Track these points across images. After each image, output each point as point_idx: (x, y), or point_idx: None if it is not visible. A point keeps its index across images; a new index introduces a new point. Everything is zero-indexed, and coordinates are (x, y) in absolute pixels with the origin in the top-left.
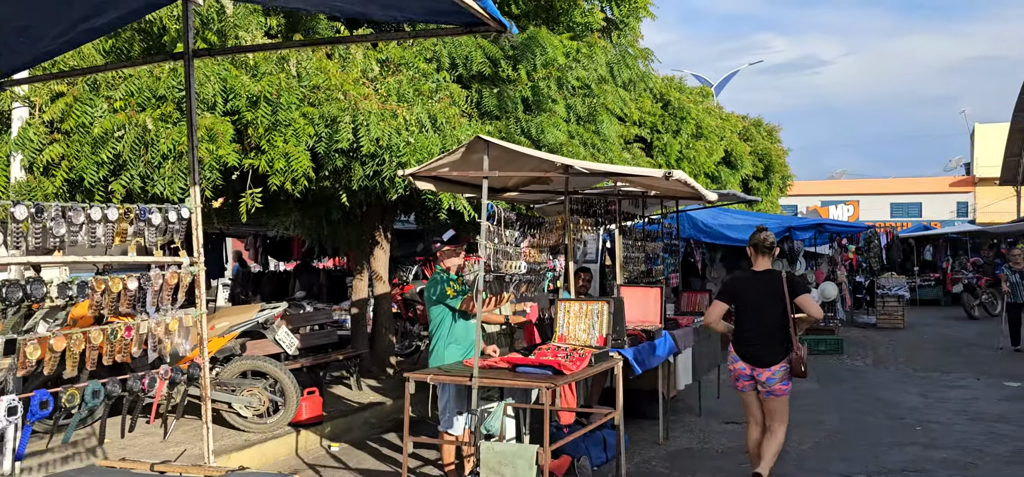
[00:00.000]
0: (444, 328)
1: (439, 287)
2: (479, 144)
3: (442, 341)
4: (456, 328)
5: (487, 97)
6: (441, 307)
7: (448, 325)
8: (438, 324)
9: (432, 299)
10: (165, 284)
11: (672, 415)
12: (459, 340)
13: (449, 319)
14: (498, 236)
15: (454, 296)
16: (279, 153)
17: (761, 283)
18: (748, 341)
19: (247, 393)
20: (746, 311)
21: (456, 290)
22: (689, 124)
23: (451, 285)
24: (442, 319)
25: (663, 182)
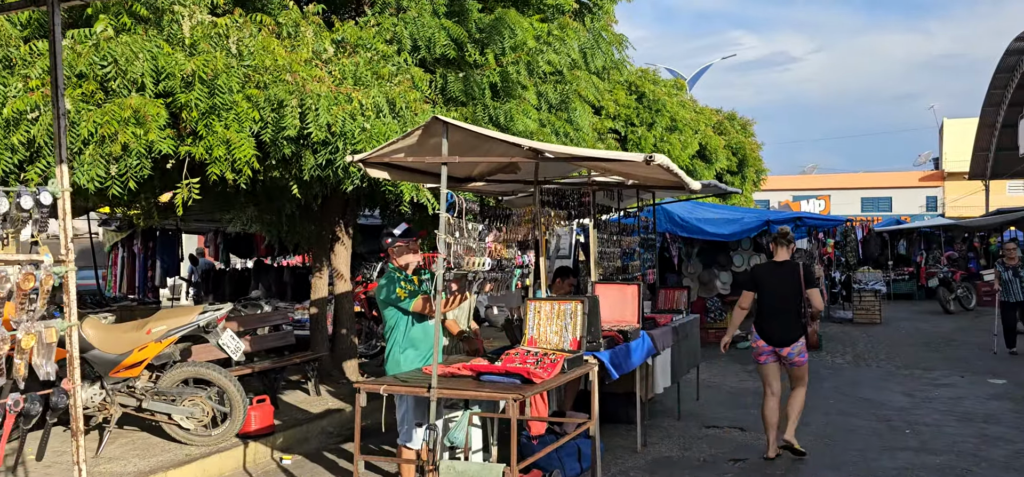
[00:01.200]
0: (399, 332)
1: (391, 287)
2: (437, 126)
3: (398, 346)
4: (413, 331)
5: (452, 82)
6: (394, 310)
7: (403, 329)
8: (392, 328)
9: (384, 301)
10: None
11: (650, 419)
12: (417, 344)
13: (404, 322)
14: (460, 229)
15: (406, 297)
16: (218, 139)
17: (781, 272)
18: (769, 323)
19: (188, 403)
20: (768, 296)
21: (408, 290)
22: (664, 117)
23: (402, 285)
24: (396, 322)
25: (643, 168)
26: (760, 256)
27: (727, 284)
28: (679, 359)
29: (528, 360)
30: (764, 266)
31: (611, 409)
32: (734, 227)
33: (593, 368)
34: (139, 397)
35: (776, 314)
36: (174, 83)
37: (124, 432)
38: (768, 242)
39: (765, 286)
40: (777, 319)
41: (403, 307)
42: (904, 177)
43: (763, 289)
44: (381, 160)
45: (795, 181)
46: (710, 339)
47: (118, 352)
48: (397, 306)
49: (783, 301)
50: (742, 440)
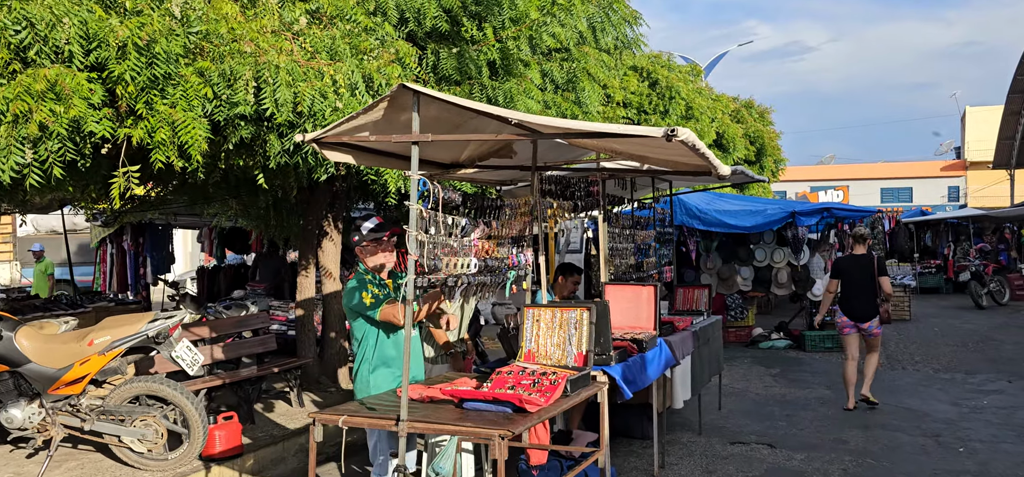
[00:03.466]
0: (369, 346)
1: (357, 293)
2: (405, 97)
3: (367, 363)
4: (385, 346)
5: (445, 59)
6: (361, 321)
7: (373, 342)
8: (361, 341)
9: (350, 309)
10: None
11: (668, 434)
12: (390, 362)
13: (374, 335)
14: (436, 224)
15: (371, 304)
16: (161, 120)
17: (859, 263)
18: (852, 303)
19: (139, 423)
20: (849, 283)
21: (375, 296)
22: (678, 104)
23: (370, 290)
24: (365, 335)
25: (661, 147)
26: (784, 250)
27: (749, 280)
28: (700, 368)
29: (523, 380)
30: (845, 258)
31: (624, 423)
32: (756, 219)
33: (602, 388)
34: (83, 417)
35: (856, 297)
36: (108, 53)
37: (75, 453)
38: (791, 235)
39: (847, 275)
40: (857, 300)
41: (368, 315)
42: (925, 166)
43: (845, 277)
44: (339, 140)
45: (813, 172)
46: (730, 339)
47: (58, 366)
48: (364, 315)
49: (861, 286)
50: (772, 460)
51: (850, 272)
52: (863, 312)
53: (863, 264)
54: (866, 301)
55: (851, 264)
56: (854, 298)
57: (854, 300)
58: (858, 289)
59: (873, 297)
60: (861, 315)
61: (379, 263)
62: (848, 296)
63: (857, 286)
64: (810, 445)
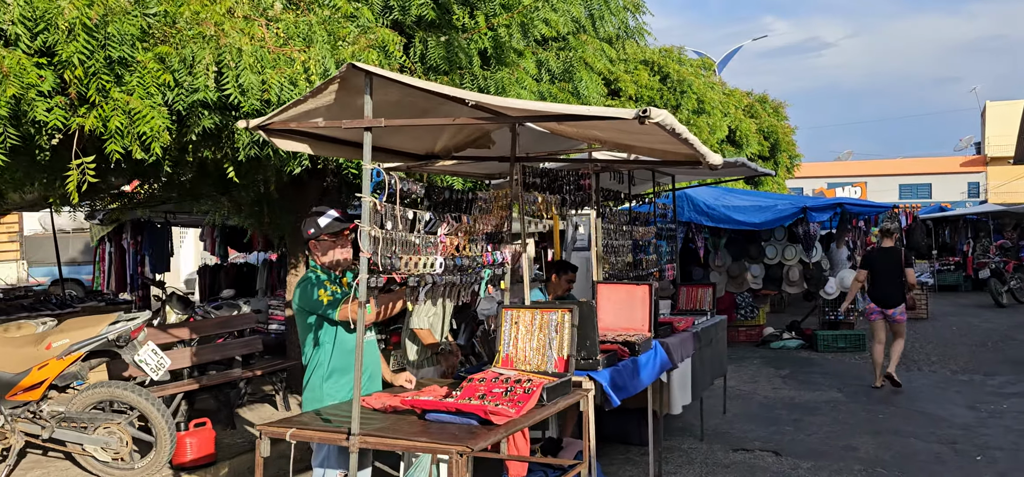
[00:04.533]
0: (323, 351)
1: (309, 291)
2: (357, 78)
3: (321, 371)
4: (343, 351)
5: (433, 48)
6: (314, 321)
7: (328, 348)
8: (314, 345)
9: (300, 309)
10: None
11: (667, 439)
12: (349, 369)
13: (330, 338)
14: (393, 218)
15: (330, 303)
16: (116, 107)
17: (887, 255)
18: (880, 292)
19: (103, 431)
20: (878, 273)
21: (333, 294)
22: (690, 99)
23: (325, 288)
24: (319, 339)
25: (643, 132)
26: (796, 247)
27: (759, 278)
28: (702, 371)
29: (494, 388)
30: (875, 251)
31: (621, 428)
32: (767, 215)
33: (586, 395)
34: (44, 424)
35: (883, 286)
36: (57, 36)
37: (43, 460)
38: (803, 232)
39: (875, 266)
40: (884, 289)
41: (328, 317)
42: (944, 162)
43: (874, 268)
44: (287, 126)
45: (830, 168)
46: (740, 339)
47: (15, 370)
48: (321, 315)
49: (888, 276)
50: (777, 469)
51: (878, 263)
52: (889, 300)
53: (891, 256)
54: (892, 290)
55: (880, 256)
56: (881, 287)
57: (881, 289)
58: (885, 279)
59: (899, 286)
60: (886, 302)
61: (335, 260)
62: (876, 285)
63: (884, 276)
64: (818, 453)
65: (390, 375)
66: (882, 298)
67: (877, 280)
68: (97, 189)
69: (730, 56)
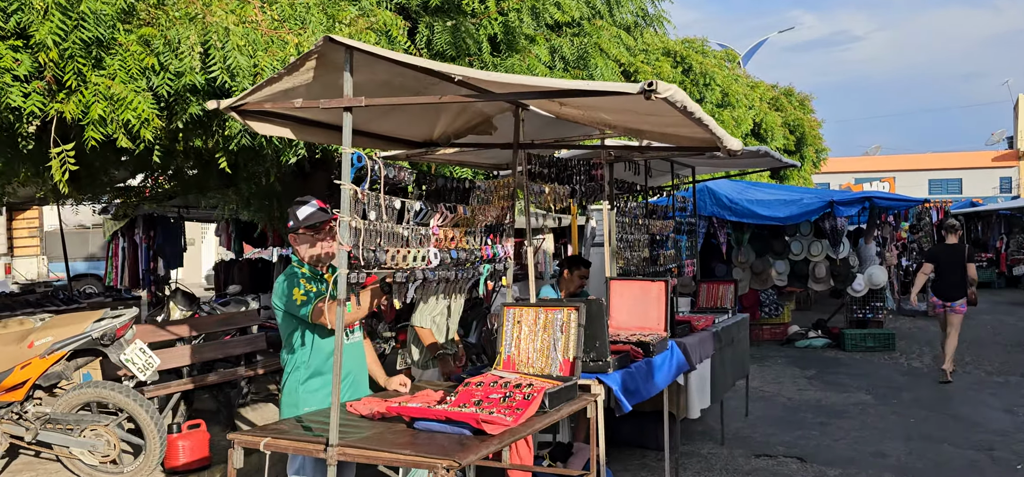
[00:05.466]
0: (301, 353)
1: (286, 288)
2: (335, 53)
3: (299, 373)
4: (322, 353)
5: (439, 33)
6: (291, 320)
7: (307, 349)
8: (293, 346)
9: (279, 308)
10: None
11: (685, 444)
12: (326, 372)
13: (309, 339)
14: (377, 208)
15: (302, 302)
16: (97, 93)
17: (950, 251)
18: (944, 286)
19: (90, 433)
20: (942, 268)
21: (307, 293)
22: (714, 91)
23: (300, 285)
24: (297, 339)
25: (644, 110)
26: (822, 242)
27: (784, 274)
28: (722, 372)
29: (492, 394)
30: (939, 247)
31: (638, 432)
32: (791, 209)
33: (593, 401)
34: (29, 425)
35: (947, 279)
36: (31, 16)
37: (35, 462)
38: (829, 226)
39: (939, 261)
40: (947, 283)
41: (300, 315)
42: (975, 157)
43: (938, 262)
44: (261, 107)
45: (857, 162)
46: (764, 337)
47: None
48: (294, 314)
49: (951, 271)
50: (802, 476)
51: (942, 258)
52: (952, 293)
53: (955, 252)
54: (955, 284)
55: (944, 251)
56: (945, 281)
57: (944, 283)
58: (949, 274)
59: (962, 281)
60: (949, 296)
61: (316, 254)
62: (940, 279)
63: (948, 271)
64: (846, 459)
65: (384, 378)
66: (944, 292)
67: (941, 275)
68: (98, 182)
69: (755, 49)
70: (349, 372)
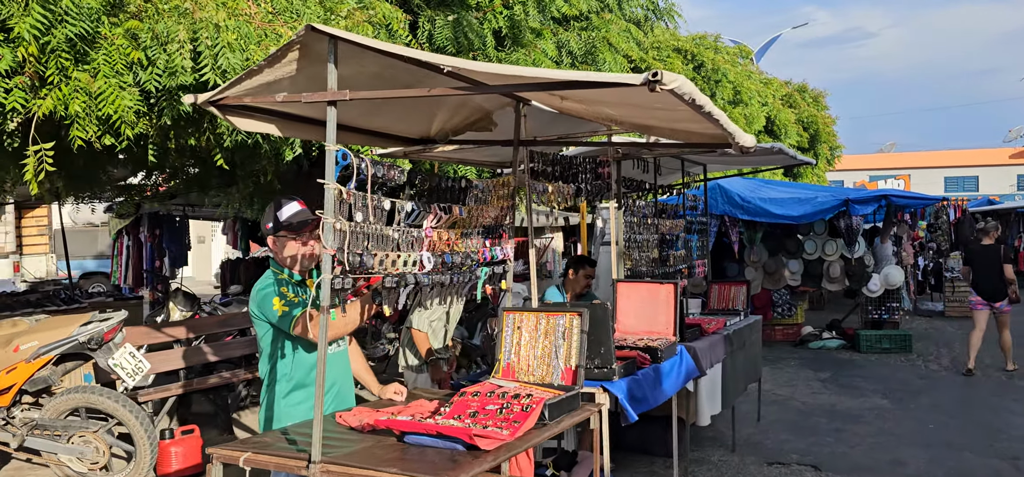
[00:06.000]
0: (282, 364)
1: (266, 297)
2: (319, 44)
3: (279, 386)
4: (305, 363)
5: (441, 27)
6: (270, 330)
7: (288, 360)
8: (272, 356)
9: (258, 317)
10: None
11: (694, 450)
12: (309, 384)
13: (290, 348)
14: (364, 209)
15: (283, 313)
16: (77, 89)
17: (988, 252)
18: (983, 286)
19: (78, 439)
20: (979, 269)
21: (288, 303)
22: (725, 88)
23: (281, 294)
24: (278, 348)
25: (650, 105)
26: (837, 241)
27: (798, 274)
28: (733, 377)
29: (488, 405)
30: (976, 247)
31: (645, 438)
32: (805, 208)
33: (596, 411)
34: (15, 431)
35: (986, 279)
36: (12, 9)
37: (26, 468)
38: (844, 225)
39: (977, 261)
40: (986, 283)
41: (280, 325)
42: (992, 154)
43: (975, 263)
44: (241, 101)
45: (872, 160)
46: (777, 338)
47: None
48: (274, 325)
49: (989, 272)
50: None
51: (979, 260)
52: (992, 293)
53: (991, 253)
54: (994, 283)
55: (981, 252)
56: (984, 281)
57: (984, 282)
58: (987, 274)
59: (1001, 280)
60: (991, 295)
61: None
62: (978, 279)
63: (986, 272)
64: (862, 468)
65: (377, 386)
66: (987, 292)
67: (979, 276)
68: (97, 181)
69: (768, 45)
70: (334, 383)
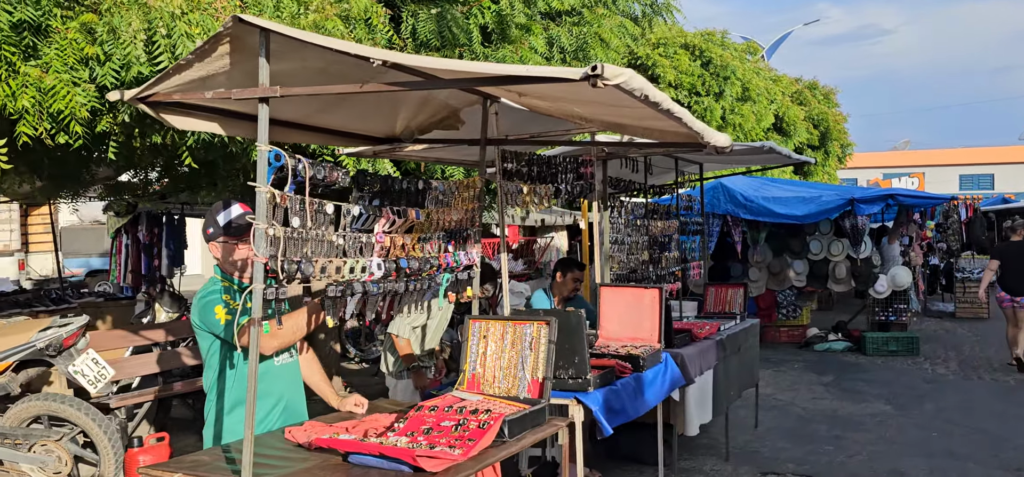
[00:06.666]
0: (225, 377)
1: (207, 306)
2: (249, 35)
3: (223, 401)
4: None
5: (424, 22)
6: (213, 341)
7: (232, 374)
8: (217, 368)
9: (200, 327)
10: None
11: (686, 458)
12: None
13: (232, 362)
14: (302, 213)
15: (227, 324)
16: (25, 84)
17: (1017, 248)
18: (1011, 282)
19: (40, 449)
20: (1010, 265)
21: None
22: (734, 85)
23: (224, 303)
24: (222, 360)
25: (613, 102)
26: (842, 241)
27: (803, 275)
28: (726, 383)
29: (444, 421)
30: (1005, 244)
31: (629, 446)
32: (810, 207)
33: (565, 426)
34: None
35: (1014, 275)
36: None
37: None
38: (850, 225)
39: (1006, 257)
40: (1014, 279)
41: (225, 338)
42: (1008, 152)
43: (1005, 259)
44: (171, 98)
45: (885, 158)
46: (781, 339)
47: None
48: (216, 336)
49: (1018, 267)
50: None
51: (1008, 255)
52: (1020, 288)
53: (1020, 248)
54: (1022, 279)
55: (1010, 248)
56: (1012, 277)
57: (1012, 278)
58: (1016, 270)
59: None
60: (1019, 291)
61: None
62: (1007, 276)
63: (1015, 267)
64: None
65: (336, 398)
66: (1012, 287)
67: (1008, 271)
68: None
69: (779, 42)
70: (280, 397)
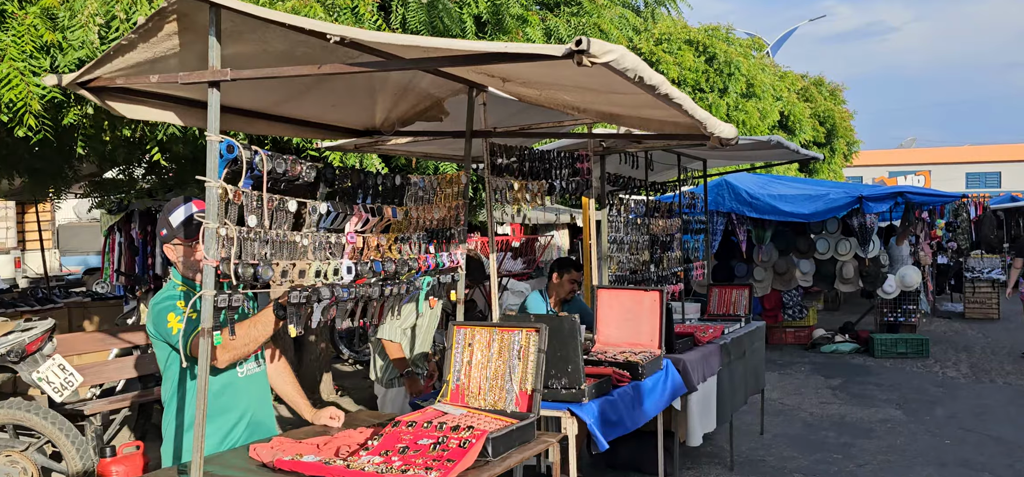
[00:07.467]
0: (184, 390)
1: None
2: (197, 11)
3: (185, 414)
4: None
5: (414, 12)
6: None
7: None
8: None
9: (155, 336)
10: None
11: (688, 467)
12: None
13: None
14: (259, 211)
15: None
16: None
17: None
18: None
19: (4, 459)
20: None
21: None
22: (738, 81)
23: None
24: (177, 374)
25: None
26: (850, 240)
27: (809, 275)
28: (731, 389)
29: (422, 437)
30: None
31: (634, 454)
32: (816, 205)
33: (557, 441)
34: None
35: None
36: None
37: None
38: (858, 223)
39: None
40: None
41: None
42: (1015, 150)
43: None
44: (114, 83)
45: (892, 156)
46: (787, 340)
47: None
48: (172, 345)
49: None
50: None
51: None
52: None
53: None
54: None
55: None
56: None
57: None
58: None
59: None
60: None
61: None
62: None
63: None
64: None
65: (311, 411)
66: None
67: None
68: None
69: (785, 38)
70: (245, 412)
